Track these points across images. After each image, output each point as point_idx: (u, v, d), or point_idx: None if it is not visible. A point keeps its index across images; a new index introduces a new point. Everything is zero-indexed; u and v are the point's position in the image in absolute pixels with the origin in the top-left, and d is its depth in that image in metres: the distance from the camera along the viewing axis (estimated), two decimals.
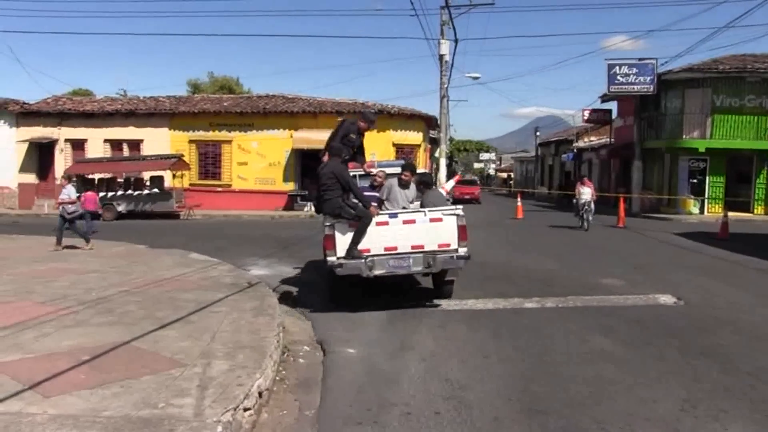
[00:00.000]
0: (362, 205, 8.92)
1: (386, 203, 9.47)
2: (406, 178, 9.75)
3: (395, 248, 8.81)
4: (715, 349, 7.14)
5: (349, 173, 9.26)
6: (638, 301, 9.88)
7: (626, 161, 35.64)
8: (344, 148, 9.64)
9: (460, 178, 18.37)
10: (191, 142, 31.74)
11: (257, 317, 7.69)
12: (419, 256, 8.81)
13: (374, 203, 9.15)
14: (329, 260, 8.73)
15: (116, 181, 28.81)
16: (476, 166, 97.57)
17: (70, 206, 15.40)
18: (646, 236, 20.39)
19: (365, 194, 9.24)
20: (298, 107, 31.13)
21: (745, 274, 13.00)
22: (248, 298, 8.94)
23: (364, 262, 8.69)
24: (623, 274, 12.39)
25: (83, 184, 28.29)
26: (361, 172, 10.34)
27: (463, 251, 8.97)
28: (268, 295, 9.29)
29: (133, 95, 38.37)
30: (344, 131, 10.07)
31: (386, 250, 8.79)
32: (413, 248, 8.80)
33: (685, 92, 30.69)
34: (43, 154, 33.06)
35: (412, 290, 10.88)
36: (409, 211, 9.26)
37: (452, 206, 9.53)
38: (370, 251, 8.73)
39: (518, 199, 30.85)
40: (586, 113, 40.84)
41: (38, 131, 32.62)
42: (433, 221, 8.93)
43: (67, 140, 32.66)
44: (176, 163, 28.94)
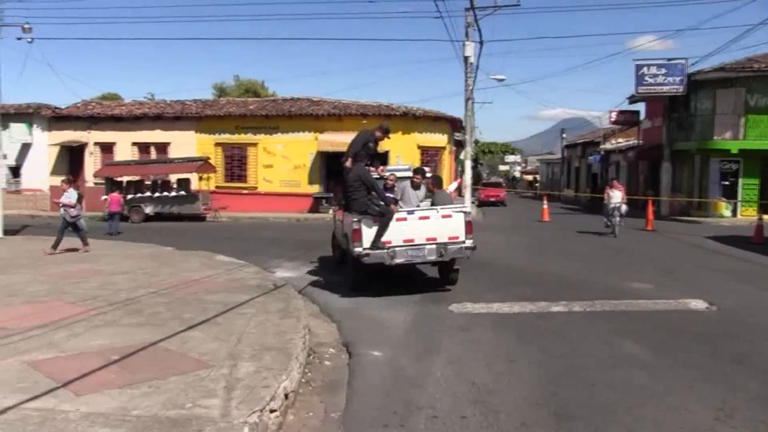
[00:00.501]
0: (384, 203, 10.21)
1: (400, 202, 10.88)
2: (417, 180, 11.41)
3: (412, 240, 10.12)
4: (749, 356, 7.00)
5: (372, 176, 10.68)
6: (668, 305, 9.74)
7: (655, 163, 35.27)
8: (366, 154, 11.02)
9: (461, 181, 18.40)
10: (217, 144, 31.96)
11: (283, 319, 7.73)
12: (433, 246, 10.13)
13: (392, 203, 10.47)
14: (356, 251, 9.95)
15: (144, 183, 29.09)
16: (501, 168, 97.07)
17: (72, 210, 15.35)
18: (675, 239, 20.18)
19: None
20: (323, 110, 31.21)
21: None
22: (274, 300, 8.99)
23: (386, 252, 9.99)
24: (652, 278, 12.26)
25: (111, 185, 28.68)
26: (376, 175, 11.43)
27: (469, 242, 10.25)
28: (293, 297, 9.34)
29: (160, 99, 38.82)
30: (363, 140, 11.12)
31: (405, 241, 10.10)
32: (428, 240, 10.15)
33: (716, 92, 30.21)
34: (73, 157, 33.55)
35: (421, 281, 11.97)
36: (424, 208, 10.70)
37: (460, 205, 11.39)
38: (391, 243, 10.03)
39: (544, 201, 30.63)
40: (613, 115, 40.49)
41: (69, 135, 33.13)
42: (444, 217, 10.25)
43: (96, 143, 33.12)
44: (202, 165, 29.17)
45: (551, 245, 18.46)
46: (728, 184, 30.09)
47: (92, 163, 32.89)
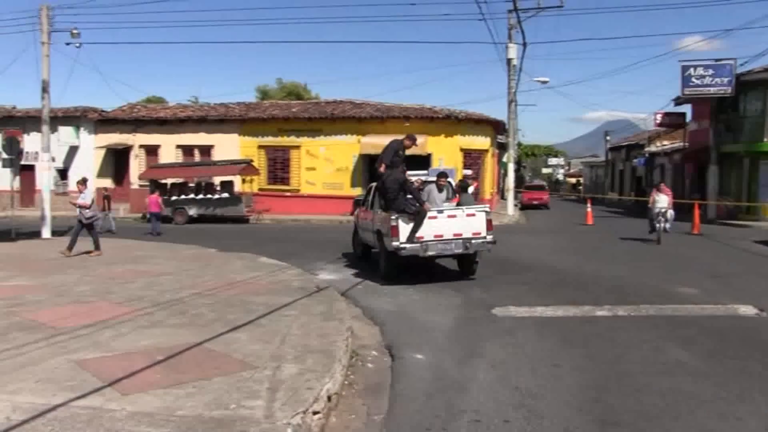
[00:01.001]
0: (419, 204, 11.57)
1: (427, 203, 12.01)
2: (442, 183, 13.04)
3: (442, 236, 11.53)
4: None
5: (408, 180, 12.07)
6: (716, 311, 9.51)
7: (701, 166, 34.57)
8: (401, 161, 12.36)
9: (477, 185, 18.16)
10: (260, 147, 32.22)
11: (326, 321, 7.74)
12: (459, 241, 11.61)
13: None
14: (394, 244, 11.31)
15: (188, 185, 29.47)
16: (544, 171, 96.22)
17: (87, 211, 15.26)
18: (723, 244, 19.73)
19: None
20: (365, 113, 31.26)
21: None
22: (317, 302, 9.01)
23: (420, 245, 11.39)
24: (699, 282, 11.98)
25: (156, 187, 29.14)
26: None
27: (489, 238, 11.80)
28: (336, 299, 9.35)
29: (204, 102, 39.33)
30: (394, 149, 12.40)
31: (435, 236, 11.49)
32: (455, 236, 11.58)
33: (766, 93, 29.45)
34: (119, 159, 34.18)
35: (444, 272, 13.33)
36: (452, 208, 12.29)
37: (482, 205, 13.04)
38: (423, 238, 11.41)
39: (588, 204, 30.25)
40: (658, 117, 39.82)
41: (115, 138, 33.75)
42: (468, 216, 11.75)
43: (141, 146, 33.69)
44: (246, 168, 29.44)
45: (595, 248, 18.20)
46: None
47: (137, 165, 33.48)
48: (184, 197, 28.85)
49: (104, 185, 33.84)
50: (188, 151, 33.20)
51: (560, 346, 7.51)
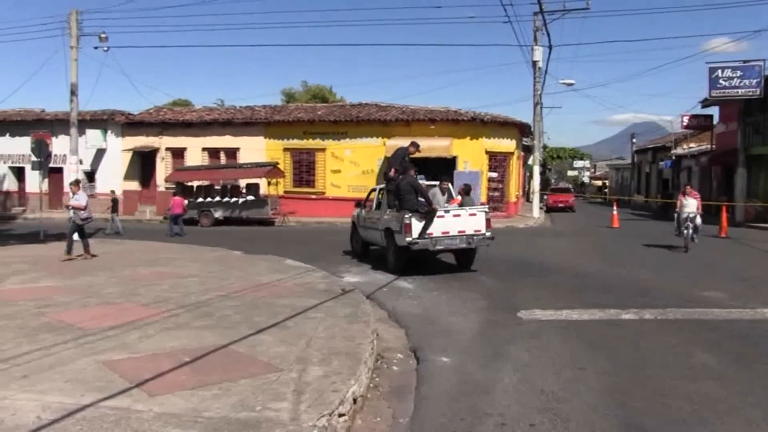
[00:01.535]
0: (429, 204, 13.02)
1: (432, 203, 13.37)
2: (444, 187, 14.80)
3: (448, 232, 13.05)
4: None
5: (420, 184, 13.46)
6: (744, 315, 9.37)
7: (729, 168, 34.13)
8: (411, 165, 13.86)
9: (461, 189, 18.38)
10: (286, 150, 32.33)
11: (351, 324, 7.74)
12: (463, 236, 13.17)
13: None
14: (407, 239, 12.77)
15: (213, 188, 29.65)
16: (570, 173, 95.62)
17: (82, 212, 15.03)
18: (751, 247, 19.46)
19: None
20: (390, 115, 31.21)
21: None
22: (342, 304, 9.02)
23: (430, 240, 12.89)
24: (726, 286, 11.83)
25: (182, 189, 29.37)
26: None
27: (488, 234, 13.36)
28: (361, 302, 9.35)
29: (229, 105, 39.47)
30: (402, 156, 14.19)
31: (442, 233, 13.00)
32: (459, 232, 13.12)
33: None
34: (145, 162, 34.49)
35: (445, 266, 14.72)
36: (457, 208, 13.76)
37: (482, 206, 14.83)
38: (432, 234, 12.89)
39: (614, 207, 29.99)
40: (685, 119, 39.40)
41: (141, 140, 34.06)
42: (471, 215, 13.31)
43: (167, 149, 33.95)
44: (271, 170, 29.55)
45: (621, 252, 18.04)
46: None
47: (163, 168, 33.74)
48: (209, 200, 29.05)
49: (132, 188, 34.26)
50: (214, 153, 33.40)
51: (585, 349, 7.46)
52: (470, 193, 15.39)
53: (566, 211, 42.35)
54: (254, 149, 32.29)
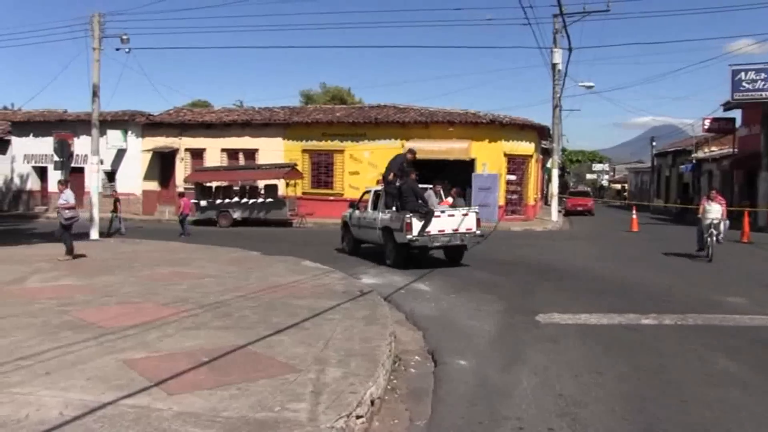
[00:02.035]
0: (427, 206, 14.48)
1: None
2: (437, 190, 16.28)
3: (444, 230, 14.37)
4: None
5: (419, 187, 14.93)
6: (766, 321, 9.28)
7: (751, 172, 33.73)
8: (412, 169, 15.10)
9: (455, 192, 18.67)
10: (304, 151, 32.38)
11: (369, 326, 7.76)
12: (457, 234, 14.55)
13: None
14: (408, 237, 13.99)
15: (232, 189, 29.77)
16: (588, 177, 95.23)
17: (67, 212, 14.72)
18: None
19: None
20: (409, 117, 31.16)
21: None
22: (360, 306, 9.03)
23: (428, 237, 14.20)
24: (748, 292, 11.71)
25: (201, 192, 29.53)
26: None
27: (479, 232, 14.85)
28: (379, 304, 9.36)
29: (249, 106, 39.62)
30: (400, 162, 15.35)
31: (439, 231, 14.31)
32: (453, 230, 14.47)
33: None
34: (165, 162, 34.70)
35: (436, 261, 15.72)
36: (451, 208, 15.23)
37: (473, 207, 16.50)
38: (430, 232, 14.17)
39: (633, 211, 29.77)
40: (706, 122, 39.01)
41: (161, 141, 34.27)
42: (463, 215, 14.64)
43: (187, 149, 34.12)
44: (290, 172, 29.62)
45: (640, 256, 17.91)
46: None
47: (183, 168, 33.91)
48: (228, 200, 29.17)
49: (151, 188, 34.49)
50: (233, 154, 33.53)
51: (604, 354, 7.42)
52: (462, 196, 17.21)
53: (585, 214, 42.11)
54: (273, 150, 32.37)
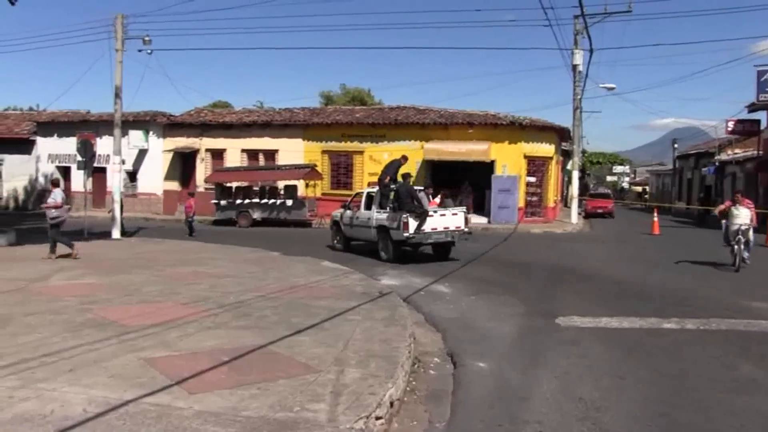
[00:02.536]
0: (422, 207, 15.80)
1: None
2: (428, 192, 17.55)
3: (436, 228, 15.74)
4: None
5: (416, 190, 16.42)
6: None
7: None
8: (408, 175, 16.75)
9: (445, 195, 19.31)
10: (324, 152, 32.40)
11: (389, 327, 7.76)
12: (448, 232, 16.01)
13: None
14: (405, 235, 15.27)
15: (252, 189, 29.88)
16: (609, 179, 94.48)
17: (53, 211, 14.74)
18: None
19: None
20: (429, 118, 31.08)
21: None
22: (379, 307, 9.04)
23: (423, 235, 15.54)
24: None
25: (221, 192, 29.66)
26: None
27: (466, 229, 16.30)
28: (399, 305, 9.37)
29: (269, 107, 39.70)
30: (395, 167, 17.35)
31: (432, 229, 15.67)
32: (444, 228, 15.88)
33: None
34: (185, 163, 34.86)
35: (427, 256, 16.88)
36: (442, 208, 16.64)
37: (461, 207, 17.63)
38: (424, 230, 15.51)
39: (654, 214, 29.51)
40: (730, 124, 38.60)
41: (182, 141, 34.44)
42: (453, 215, 16.13)
43: (207, 150, 34.24)
44: (309, 172, 29.68)
45: (661, 259, 17.71)
46: None
47: (203, 169, 34.07)
48: (248, 201, 29.27)
49: (172, 188, 34.68)
50: (253, 155, 33.61)
51: (625, 358, 7.37)
52: (449, 197, 19.74)
53: (605, 217, 41.78)
54: (292, 151, 32.42)
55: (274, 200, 28.98)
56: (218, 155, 34.07)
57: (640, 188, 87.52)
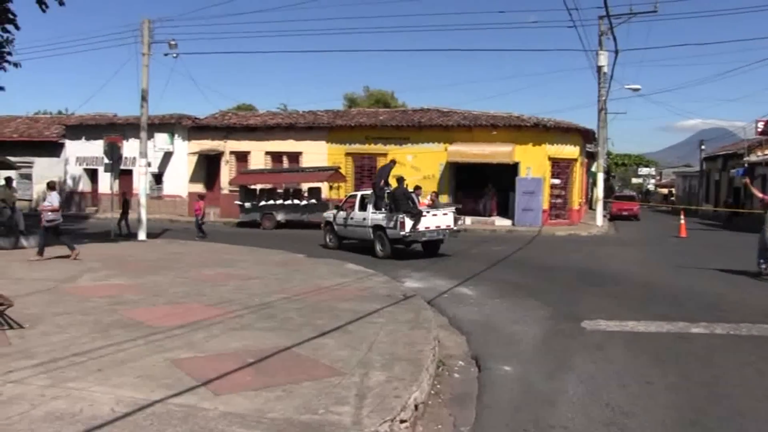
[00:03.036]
0: (417, 207, 17.06)
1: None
2: (417, 193, 18.30)
3: (429, 227, 17.04)
4: None
5: (411, 193, 17.64)
6: None
7: None
8: (403, 178, 17.76)
9: (434, 197, 19.94)
10: (348, 154, 32.46)
11: (413, 330, 7.75)
12: (440, 229, 17.38)
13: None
14: (401, 233, 16.58)
15: (276, 191, 30.02)
16: (634, 181, 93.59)
17: (49, 214, 14.72)
18: None
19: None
20: (452, 121, 31.04)
21: None
22: (404, 310, 9.03)
23: (417, 233, 16.81)
24: None
25: (246, 194, 29.82)
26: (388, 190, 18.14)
27: (455, 228, 17.89)
28: (423, 308, 9.35)
29: (292, 109, 39.92)
30: (388, 170, 18.95)
31: (425, 228, 16.93)
32: (436, 227, 17.24)
33: None
34: (210, 165, 35.14)
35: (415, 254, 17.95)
36: (434, 208, 18.13)
37: (452, 206, 19.10)
38: (418, 229, 16.77)
39: (681, 216, 29.16)
40: (760, 125, 38.09)
41: (207, 144, 34.72)
42: (444, 214, 17.59)
43: (232, 152, 34.50)
44: (333, 175, 29.78)
45: (689, 262, 17.47)
46: None
47: (228, 171, 34.32)
48: (272, 203, 29.41)
49: (197, 190, 34.94)
50: (277, 157, 33.77)
51: (652, 363, 7.27)
52: (439, 197, 22.14)
53: (630, 219, 41.47)
54: (316, 153, 32.53)
55: (298, 202, 29.10)
56: (242, 158, 34.29)
57: (666, 190, 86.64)
